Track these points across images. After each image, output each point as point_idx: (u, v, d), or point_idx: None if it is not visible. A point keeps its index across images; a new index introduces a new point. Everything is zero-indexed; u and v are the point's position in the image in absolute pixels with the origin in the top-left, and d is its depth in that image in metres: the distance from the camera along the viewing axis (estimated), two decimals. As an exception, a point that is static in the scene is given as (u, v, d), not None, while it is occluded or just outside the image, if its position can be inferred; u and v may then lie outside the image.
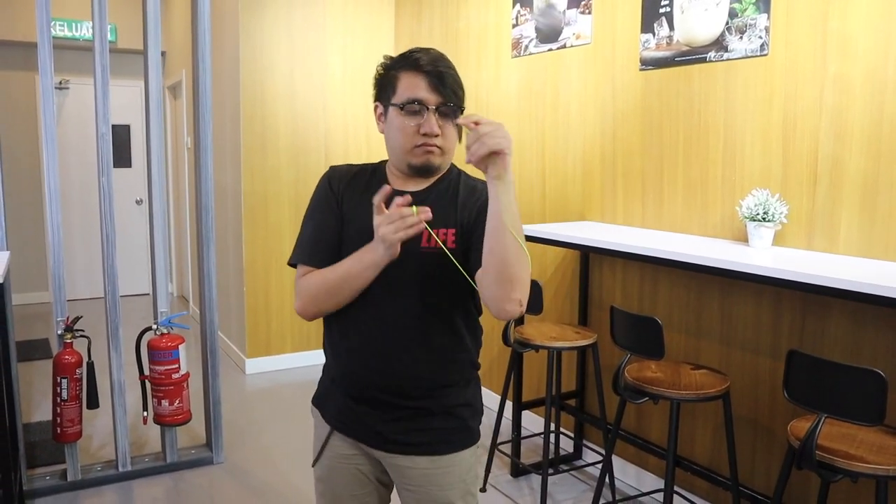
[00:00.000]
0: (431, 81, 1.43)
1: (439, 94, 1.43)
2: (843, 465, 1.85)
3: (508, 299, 1.35)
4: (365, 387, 1.53)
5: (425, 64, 1.44)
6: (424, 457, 1.54)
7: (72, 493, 3.17)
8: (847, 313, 2.42)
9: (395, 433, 1.54)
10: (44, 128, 3.01)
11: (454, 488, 1.55)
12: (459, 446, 1.56)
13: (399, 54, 1.51)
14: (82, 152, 6.70)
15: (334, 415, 1.61)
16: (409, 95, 1.44)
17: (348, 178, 1.58)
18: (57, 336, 3.08)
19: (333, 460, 1.62)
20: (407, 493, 1.58)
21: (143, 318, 5.70)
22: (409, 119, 1.44)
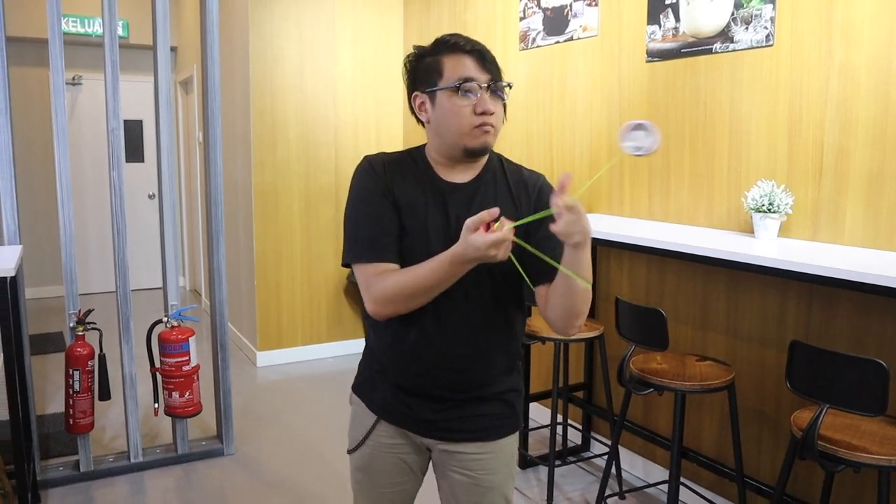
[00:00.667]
0: (478, 60, 1.43)
1: (487, 71, 1.43)
2: (845, 455, 1.85)
3: (573, 327, 1.45)
4: (418, 380, 1.54)
5: (466, 44, 1.44)
6: (475, 443, 1.56)
7: (84, 484, 3.22)
8: (853, 304, 2.41)
9: (446, 421, 1.55)
10: (55, 123, 3.05)
11: (501, 472, 1.59)
12: (508, 431, 1.60)
13: (431, 43, 1.50)
14: (96, 147, 6.76)
15: (380, 404, 1.60)
16: (460, 75, 1.42)
17: (392, 166, 1.52)
18: (69, 329, 3.13)
19: (375, 448, 1.62)
20: (451, 478, 1.60)
21: (156, 312, 5.74)
22: (463, 100, 1.43)
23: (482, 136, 1.44)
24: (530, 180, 1.56)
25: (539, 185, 1.56)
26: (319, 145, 4.93)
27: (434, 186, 1.51)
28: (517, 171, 1.58)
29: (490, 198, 1.51)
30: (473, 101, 1.42)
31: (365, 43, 5.02)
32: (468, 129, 1.43)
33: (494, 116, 1.44)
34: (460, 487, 1.59)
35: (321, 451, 3.60)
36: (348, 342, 5.13)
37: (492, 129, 1.45)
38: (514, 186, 1.54)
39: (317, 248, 5.00)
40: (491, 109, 1.42)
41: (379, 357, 1.60)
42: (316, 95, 4.89)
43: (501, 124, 1.49)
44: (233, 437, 3.57)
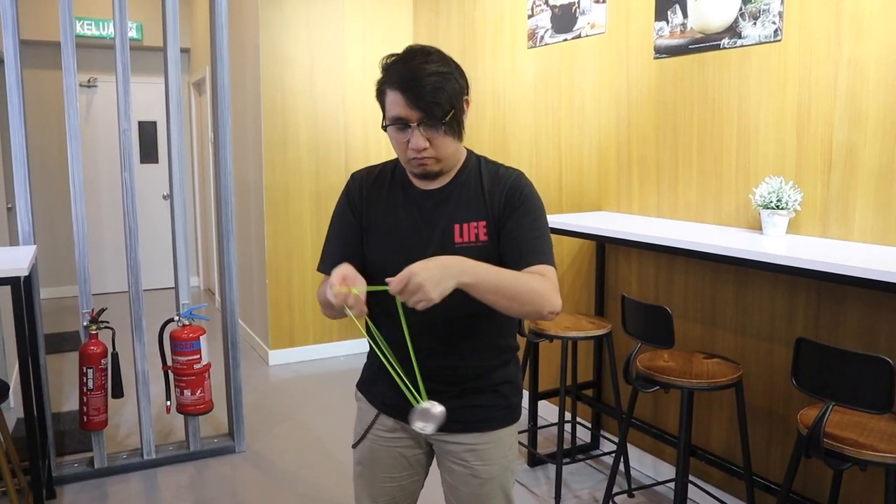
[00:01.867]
0: (408, 98, 1.40)
1: (418, 109, 1.40)
2: (851, 453, 1.84)
3: (540, 316, 1.43)
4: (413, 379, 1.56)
5: (399, 80, 1.41)
6: (470, 434, 1.59)
7: (98, 480, 3.26)
8: (863, 301, 2.39)
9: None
10: (68, 124, 3.10)
11: (497, 463, 1.61)
12: (502, 423, 1.62)
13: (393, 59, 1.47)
14: (112, 149, 6.81)
15: (380, 398, 1.66)
16: (392, 114, 1.44)
17: (368, 185, 1.61)
18: (82, 327, 3.17)
19: (376, 442, 1.67)
20: (450, 469, 1.63)
21: (170, 311, 5.81)
22: (398, 135, 1.45)
23: (420, 167, 1.48)
24: (504, 178, 1.55)
25: (510, 183, 1.54)
26: (329, 144, 4.96)
27: (407, 195, 1.57)
28: (493, 170, 1.57)
29: (463, 201, 1.53)
30: (407, 137, 1.44)
31: (374, 42, 5.03)
32: (407, 161, 1.49)
33: (431, 149, 1.44)
34: (458, 479, 1.62)
35: (332, 449, 3.62)
36: (360, 341, 5.16)
37: (429, 161, 1.47)
38: (487, 187, 1.55)
39: (328, 247, 5.01)
40: (421, 146, 1.42)
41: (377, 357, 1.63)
42: (326, 95, 4.91)
43: (447, 150, 1.47)
44: (244, 434, 3.60)
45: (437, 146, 1.45)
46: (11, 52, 2.96)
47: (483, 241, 1.51)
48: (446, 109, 1.42)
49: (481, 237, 1.51)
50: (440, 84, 1.41)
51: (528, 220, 1.51)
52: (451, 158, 1.51)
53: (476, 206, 1.53)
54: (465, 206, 1.53)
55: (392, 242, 1.55)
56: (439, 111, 1.42)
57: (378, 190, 1.60)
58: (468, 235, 1.51)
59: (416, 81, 1.39)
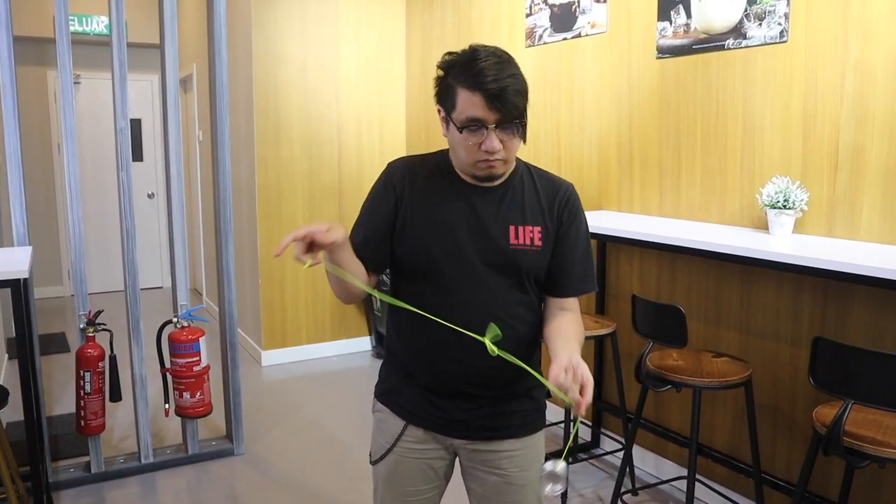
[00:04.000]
0: (489, 99, 1.37)
1: (498, 111, 1.38)
2: (870, 450, 1.86)
3: None
4: (449, 381, 1.55)
5: (480, 80, 1.37)
6: (507, 440, 1.57)
7: (96, 485, 3.20)
8: (869, 300, 2.42)
9: (479, 419, 1.56)
10: (63, 123, 3.03)
11: (533, 468, 1.60)
12: (538, 426, 1.63)
13: (459, 56, 1.44)
14: (95, 147, 6.71)
15: (409, 409, 1.60)
16: (467, 115, 1.40)
17: (411, 174, 1.57)
18: (79, 330, 3.11)
19: (403, 455, 1.61)
20: (483, 479, 1.60)
21: (158, 312, 5.73)
22: (471, 137, 1.42)
23: (487, 169, 1.47)
24: (560, 188, 1.58)
25: (568, 195, 1.57)
26: (322, 143, 4.91)
27: (456, 189, 1.54)
28: (546, 178, 1.60)
29: (518, 200, 1.54)
30: (480, 139, 1.42)
31: (368, 41, 5.00)
32: (473, 162, 1.46)
33: (503, 151, 1.44)
34: (493, 488, 1.59)
35: (330, 450, 3.60)
36: (353, 340, 5.12)
37: (498, 164, 1.46)
38: (543, 193, 1.56)
39: (321, 246, 4.97)
40: (495, 148, 1.41)
41: (405, 362, 1.61)
42: (319, 93, 4.87)
43: (516, 152, 1.49)
44: (243, 436, 3.56)
45: (508, 148, 1.44)
46: (5, 49, 2.89)
47: (538, 247, 1.52)
48: (522, 111, 1.42)
49: (536, 242, 1.51)
50: (516, 86, 1.40)
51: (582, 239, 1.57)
52: (513, 161, 1.52)
53: (532, 211, 1.53)
54: (520, 208, 1.52)
55: (439, 234, 1.51)
56: (517, 113, 1.41)
57: (423, 181, 1.56)
58: (524, 238, 1.51)
59: (497, 83, 1.37)
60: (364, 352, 5.13)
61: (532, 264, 1.52)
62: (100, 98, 6.68)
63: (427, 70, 4.88)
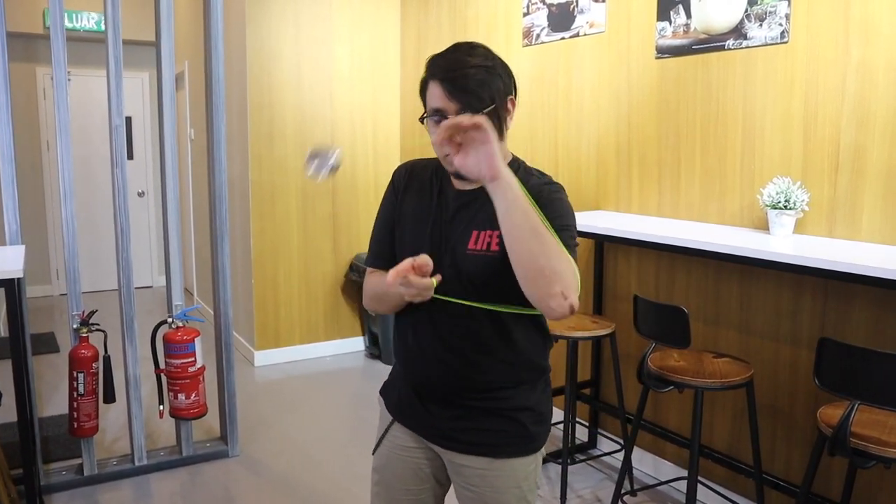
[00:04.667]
0: (447, 88, 1.36)
1: (456, 100, 1.36)
2: (876, 451, 1.86)
3: (548, 295, 1.24)
4: (427, 382, 1.54)
5: (439, 70, 1.38)
6: (482, 457, 1.52)
7: (89, 488, 3.16)
8: (869, 300, 2.43)
9: (454, 430, 1.53)
10: (57, 119, 2.99)
11: (509, 493, 1.52)
12: (517, 452, 1.52)
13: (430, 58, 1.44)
14: (84, 144, 6.63)
15: (395, 405, 1.63)
16: (430, 105, 1.40)
17: (408, 176, 1.58)
18: (72, 330, 3.06)
19: (392, 451, 1.62)
20: (461, 493, 1.58)
21: (148, 312, 5.68)
22: (433, 128, 1.40)
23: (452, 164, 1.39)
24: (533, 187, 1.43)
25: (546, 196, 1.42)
26: (316, 140, 4.88)
27: (441, 193, 1.53)
28: (527, 177, 1.48)
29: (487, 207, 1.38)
30: None
31: (362, 39, 4.97)
32: (442, 157, 1.42)
33: None
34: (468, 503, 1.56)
35: (325, 451, 3.57)
36: (346, 340, 5.10)
37: None
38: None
39: (314, 245, 4.95)
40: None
41: (399, 358, 1.63)
42: (313, 92, 4.84)
43: None
44: (238, 438, 3.52)
45: None
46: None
47: (493, 252, 1.42)
48: (486, 103, 1.36)
49: (492, 247, 1.42)
50: (482, 77, 1.37)
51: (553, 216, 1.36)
52: None
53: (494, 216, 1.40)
54: (487, 212, 1.39)
55: (419, 237, 1.50)
56: (478, 104, 1.35)
57: (416, 182, 1.57)
58: (481, 243, 1.44)
59: (456, 72, 1.36)
60: (357, 352, 5.10)
61: (480, 271, 1.42)
62: (91, 95, 6.60)
63: (422, 69, 4.85)
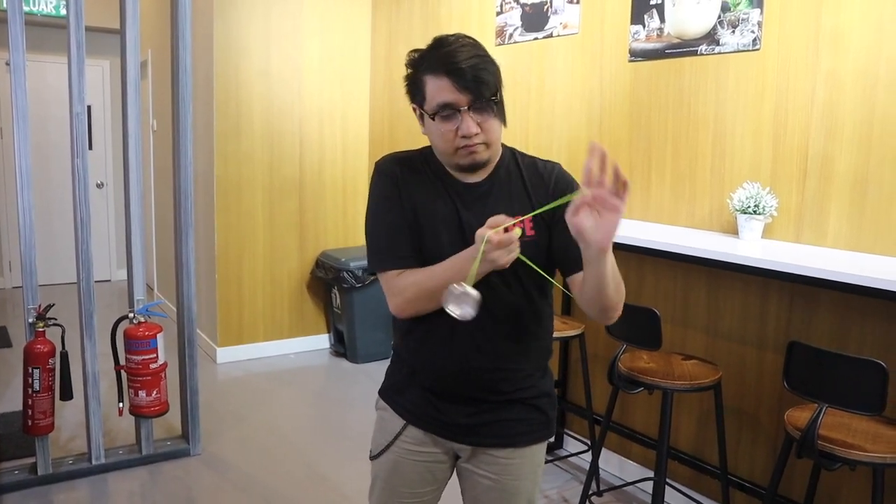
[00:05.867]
0: (456, 81, 1.34)
1: (468, 91, 1.35)
2: (842, 453, 1.90)
3: (610, 319, 1.43)
4: (450, 381, 1.50)
5: (442, 63, 1.36)
6: (506, 448, 1.53)
7: (43, 488, 3.05)
8: (834, 304, 2.47)
9: (477, 426, 1.52)
10: (15, 106, 2.87)
11: (528, 478, 1.57)
12: (539, 437, 1.57)
13: (423, 50, 1.43)
14: (39, 133, 6.42)
15: (410, 408, 1.57)
16: (438, 101, 1.37)
17: (405, 166, 1.52)
18: (27, 324, 2.95)
19: (401, 455, 1.58)
20: (477, 482, 1.57)
21: (106, 306, 5.53)
22: (445, 124, 1.38)
23: (469, 155, 1.42)
24: (545, 171, 1.52)
25: (555, 175, 1.51)
26: (284, 136, 4.80)
27: (446, 186, 1.50)
28: (531, 164, 1.54)
29: (504, 196, 1.49)
30: (456, 124, 1.37)
31: (332, 34, 4.91)
32: (454, 151, 1.41)
33: (482, 134, 1.39)
34: (485, 492, 1.56)
35: (288, 450, 3.51)
36: (311, 338, 5.03)
37: (480, 147, 1.41)
38: (528, 181, 1.51)
39: (280, 241, 4.88)
40: (472, 131, 1.37)
41: (409, 361, 1.57)
42: (281, 86, 4.76)
43: (496, 134, 1.43)
44: (199, 436, 3.44)
45: (486, 130, 1.39)
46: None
47: (530, 236, 1.45)
48: (493, 89, 1.38)
49: (527, 231, 1.45)
50: (482, 64, 1.37)
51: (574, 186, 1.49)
52: (496, 145, 1.45)
53: (520, 201, 1.47)
54: (507, 200, 1.47)
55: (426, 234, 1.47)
56: (487, 90, 1.36)
57: (413, 175, 1.51)
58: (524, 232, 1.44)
59: (460, 63, 1.34)
60: (322, 350, 5.04)
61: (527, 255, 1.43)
62: (47, 82, 6.40)
63: (392, 66, 4.82)
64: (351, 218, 5.13)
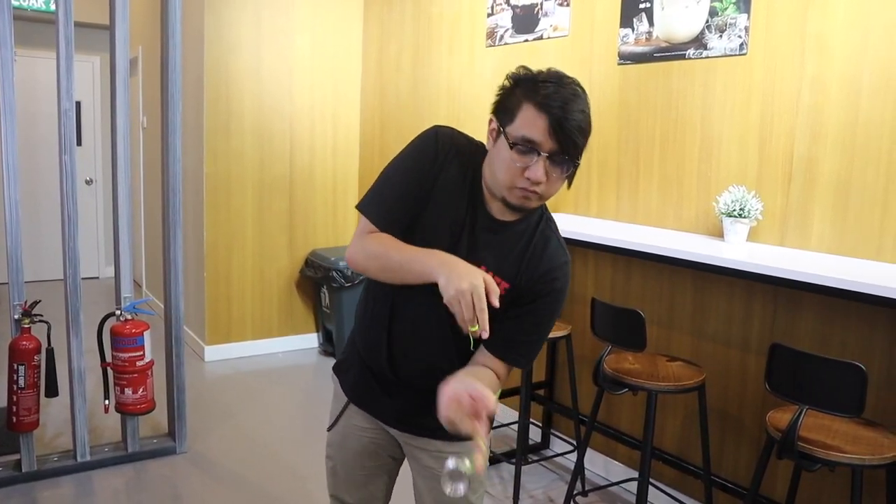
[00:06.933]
0: (552, 125, 1.29)
1: (557, 141, 1.30)
2: (821, 454, 1.92)
3: None
4: (387, 367, 1.54)
5: (552, 104, 1.29)
6: (438, 440, 1.56)
7: (27, 485, 3.04)
8: (817, 307, 2.50)
9: (410, 415, 1.56)
10: (1, 100, 2.86)
11: None
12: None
13: (535, 74, 1.37)
14: (29, 129, 6.39)
15: (351, 386, 1.64)
16: (524, 133, 1.31)
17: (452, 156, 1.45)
18: (13, 321, 2.94)
19: (348, 429, 1.65)
20: (416, 471, 1.62)
21: (93, 303, 5.50)
22: (518, 158, 1.32)
23: (522, 198, 1.37)
24: (549, 257, 1.46)
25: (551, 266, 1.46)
26: (274, 133, 4.80)
27: (474, 200, 1.45)
28: (545, 241, 1.47)
29: (508, 247, 1.44)
30: (528, 163, 1.32)
31: (324, 32, 4.91)
32: (510, 185, 1.36)
33: (544, 186, 1.35)
34: (424, 483, 1.61)
35: (275, 449, 3.51)
36: (299, 337, 5.03)
37: (534, 196, 1.36)
38: (530, 251, 1.46)
39: (269, 240, 4.87)
40: (540, 179, 1.32)
41: (359, 339, 1.62)
42: (272, 83, 4.76)
43: (553, 193, 1.39)
44: (186, 434, 3.43)
45: (550, 184, 1.35)
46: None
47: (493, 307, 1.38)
48: (580, 151, 1.34)
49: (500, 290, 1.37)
50: (584, 123, 1.32)
51: (545, 321, 1.48)
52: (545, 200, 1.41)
53: (510, 266, 1.44)
54: (504, 258, 1.43)
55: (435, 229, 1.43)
56: (575, 150, 1.32)
57: (456, 168, 1.44)
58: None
59: (568, 113, 1.29)
60: (311, 349, 5.04)
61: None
62: (37, 77, 6.36)
63: (384, 65, 4.83)
64: (341, 217, 5.13)
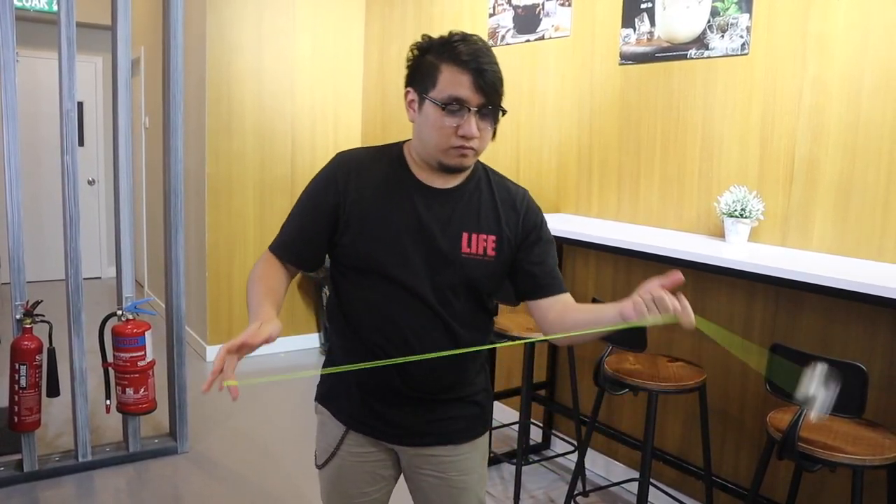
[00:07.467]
0: (475, 80, 1.33)
1: (482, 93, 1.34)
2: (822, 455, 1.91)
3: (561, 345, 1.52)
4: (389, 385, 1.49)
5: (469, 59, 1.33)
6: (448, 445, 1.55)
7: (29, 485, 3.05)
8: (818, 308, 2.49)
9: (418, 426, 1.53)
10: (4, 102, 2.87)
11: (475, 472, 1.59)
12: (480, 432, 1.60)
13: (439, 38, 1.39)
14: (30, 130, 6.40)
15: (349, 413, 1.56)
16: (450, 93, 1.34)
17: (362, 167, 1.48)
18: (15, 321, 2.94)
19: (346, 459, 1.58)
20: (426, 480, 1.57)
21: (95, 304, 5.51)
22: (448, 118, 1.35)
23: (459, 157, 1.40)
24: (517, 196, 1.53)
25: (526, 203, 1.53)
26: (276, 134, 4.81)
27: (406, 188, 1.46)
28: (502, 183, 1.54)
29: (474, 206, 1.48)
30: (458, 122, 1.35)
31: (325, 33, 4.91)
32: (445, 148, 1.39)
33: (477, 140, 1.38)
34: (434, 490, 1.58)
35: (276, 450, 3.51)
36: (301, 337, 5.03)
37: (470, 153, 1.40)
38: (500, 201, 1.51)
39: (270, 240, 4.83)
40: (474, 134, 1.36)
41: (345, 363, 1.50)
42: (274, 84, 4.76)
43: (486, 145, 1.43)
44: (187, 434, 3.44)
45: (482, 139, 1.39)
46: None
47: (490, 257, 1.46)
48: (501, 100, 1.39)
49: (489, 252, 1.45)
50: (500, 74, 1.37)
51: (551, 249, 1.55)
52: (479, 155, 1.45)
53: (488, 219, 1.47)
54: (475, 215, 1.47)
55: (384, 239, 1.43)
56: (498, 100, 1.37)
57: (374, 174, 1.47)
58: (476, 247, 1.45)
59: (485, 65, 1.33)
60: (312, 349, 5.04)
61: (481, 275, 1.46)
62: (39, 78, 6.38)
63: (385, 65, 4.83)
64: (342, 217, 5.13)
